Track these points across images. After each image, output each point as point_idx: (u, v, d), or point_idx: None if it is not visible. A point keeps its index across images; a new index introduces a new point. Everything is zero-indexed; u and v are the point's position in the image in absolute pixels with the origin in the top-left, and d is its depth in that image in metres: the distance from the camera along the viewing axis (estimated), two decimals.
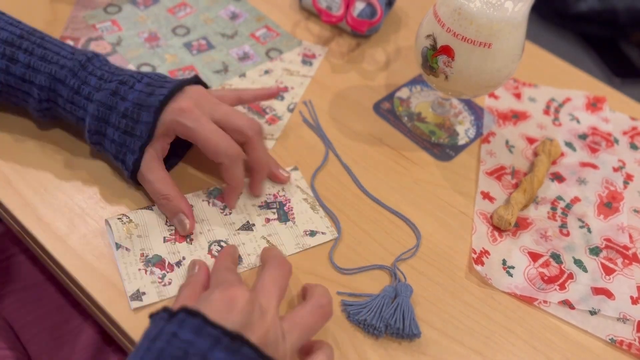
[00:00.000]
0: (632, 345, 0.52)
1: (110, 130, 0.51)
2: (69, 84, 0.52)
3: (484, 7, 0.54)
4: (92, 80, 0.52)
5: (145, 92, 0.51)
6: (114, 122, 0.51)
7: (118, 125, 0.51)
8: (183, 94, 0.52)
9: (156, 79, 0.52)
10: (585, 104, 0.72)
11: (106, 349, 0.56)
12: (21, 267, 0.58)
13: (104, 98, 0.51)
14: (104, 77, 0.52)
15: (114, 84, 0.51)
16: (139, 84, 0.51)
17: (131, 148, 0.51)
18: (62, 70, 0.52)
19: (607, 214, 0.61)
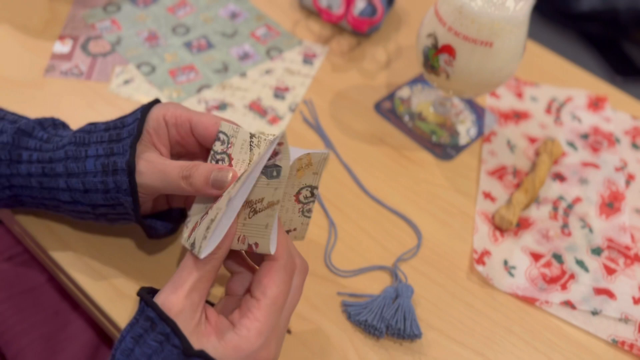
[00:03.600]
0: (633, 345, 0.52)
1: (92, 149, 0.45)
2: (38, 136, 0.47)
3: (486, 6, 0.54)
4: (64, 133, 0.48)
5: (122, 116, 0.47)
6: (95, 139, 0.45)
7: (101, 140, 0.45)
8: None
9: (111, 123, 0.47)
10: (587, 103, 0.71)
11: (104, 351, 0.55)
12: (21, 269, 0.58)
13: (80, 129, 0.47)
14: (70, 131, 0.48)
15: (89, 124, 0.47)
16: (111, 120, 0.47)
17: (120, 152, 0.44)
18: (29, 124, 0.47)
19: (608, 213, 0.61)
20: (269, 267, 0.40)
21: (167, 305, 0.37)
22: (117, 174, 0.44)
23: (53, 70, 0.65)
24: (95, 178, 0.44)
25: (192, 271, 0.39)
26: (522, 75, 0.73)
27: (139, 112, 0.46)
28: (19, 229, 0.54)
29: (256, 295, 0.39)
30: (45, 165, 0.46)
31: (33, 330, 0.54)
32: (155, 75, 0.66)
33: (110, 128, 0.46)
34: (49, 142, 0.47)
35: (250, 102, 0.66)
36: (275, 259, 0.40)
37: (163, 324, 0.37)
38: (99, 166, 0.44)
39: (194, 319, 0.38)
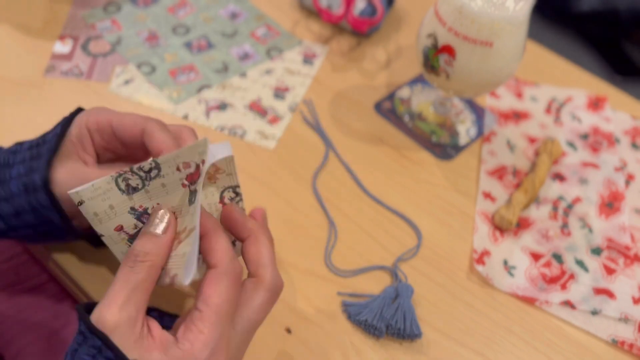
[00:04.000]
0: (633, 345, 0.52)
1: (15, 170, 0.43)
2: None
3: (486, 6, 0.54)
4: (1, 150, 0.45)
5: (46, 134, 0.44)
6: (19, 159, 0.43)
7: (23, 159, 0.43)
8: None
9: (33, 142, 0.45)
10: (587, 103, 0.72)
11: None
12: (21, 268, 0.58)
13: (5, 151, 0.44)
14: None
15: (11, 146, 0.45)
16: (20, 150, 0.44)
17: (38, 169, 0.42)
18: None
19: (608, 213, 0.61)
20: (209, 276, 0.38)
21: (101, 320, 0.35)
22: (37, 191, 0.42)
23: (53, 70, 0.65)
24: (21, 199, 0.42)
25: (124, 283, 0.36)
26: (522, 75, 0.73)
27: (59, 127, 0.43)
28: None
29: (199, 306, 0.37)
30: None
31: (33, 330, 0.54)
32: (155, 75, 0.66)
33: (33, 146, 0.43)
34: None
35: (251, 102, 0.66)
36: (215, 266, 0.38)
37: (93, 337, 0.35)
38: (21, 187, 0.42)
39: (134, 333, 0.35)
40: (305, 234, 0.56)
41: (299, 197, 0.58)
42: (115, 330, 0.35)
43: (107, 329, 0.35)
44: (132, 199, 0.41)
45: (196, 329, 0.36)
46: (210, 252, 0.38)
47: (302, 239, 0.55)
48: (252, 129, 0.63)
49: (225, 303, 0.37)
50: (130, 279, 0.36)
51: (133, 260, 0.37)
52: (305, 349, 0.49)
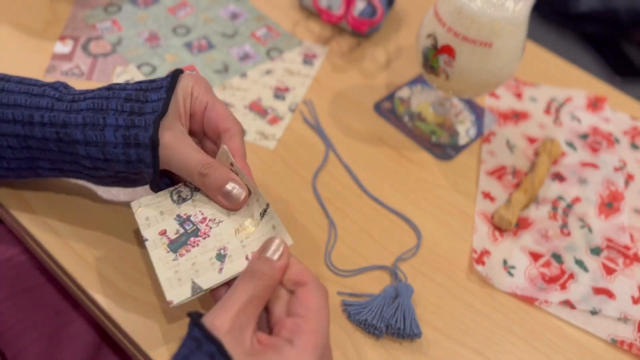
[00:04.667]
0: (632, 345, 0.52)
1: (111, 117, 0.44)
2: (49, 94, 0.46)
3: (485, 6, 0.54)
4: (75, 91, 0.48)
5: (145, 81, 0.47)
6: (114, 107, 0.45)
7: (121, 109, 0.45)
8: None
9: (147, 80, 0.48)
10: (586, 103, 0.72)
11: (106, 351, 0.55)
12: (21, 268, 0.58)
13: (97, 94, 0.46)
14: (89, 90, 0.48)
15: (105, 86, 0.47)
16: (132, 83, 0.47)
17: (143, 126, 0.44)
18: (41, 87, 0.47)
19: (608, 213, 0.61)
20: (302, 291, 0.40)
21: (215, 325, 0.37)
22: (140, 147, 0.44)
23: (54, 70, 0.65)
24: (116, 149, 0.45)
25: (242, 293, 0.38)
26: (522, 76, 0.73)
27: (164, 92, 0.46)
28: (19, 229, 0.55)
29: (300, 312, 0.39)
30: (59, 130, 0.45)
31: (34, 330, 0.55)
32: (155, 75, 0.66)
33: (132, 99, 0.45)
34: (61, 100, 0.46)
35: (251, 103, 0.66)
36: (304, 285, 0.41)
37: (209, 343, 0.36)
38: (119, 137, 0.44)
39: (245, 341, 0.37)
40: (305, 234, 0.56)
41: (299, 197, 0.58)
42: (226, 336, 0.36)
43: (219, 335, 0.36)
44: (180, 208, 0.46)
45: (304, 331, 0.38)
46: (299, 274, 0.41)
47: (302, 239, 0.55)
48: (252, 129, 0.63)
49: (323, 309, 0.40)
50: (247, 292, 0.38)
51: (251, 276, 0.39)
52: None
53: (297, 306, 0.40)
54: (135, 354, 0.48)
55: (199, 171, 0.44)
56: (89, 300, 0.50)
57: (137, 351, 0.48)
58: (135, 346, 0.48)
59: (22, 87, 0.47)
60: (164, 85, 0.46)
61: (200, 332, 0.36)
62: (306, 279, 0.41)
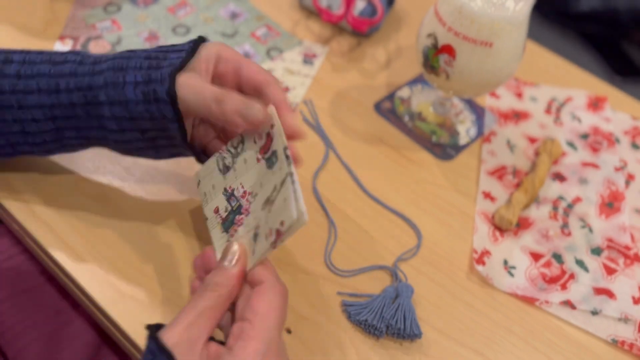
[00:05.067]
0: (633, 345, 0.52)
1: (130, 75, 0.45)
2: (70, 59, 0.47)
3: (485, 6, 0.54)
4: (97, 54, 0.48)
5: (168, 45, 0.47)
6: (134, 65, 0.45)
7: (140, 66, 0.45)
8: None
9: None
10: (587, 103, 0.72)
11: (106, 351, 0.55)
12: (21, 268, 0.58)
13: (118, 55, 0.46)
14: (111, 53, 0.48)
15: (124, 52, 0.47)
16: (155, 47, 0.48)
17: (159, 80, 0.44)
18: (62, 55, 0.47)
19: (608, 213, 0.61)
20: (256, 291, 0.41)
21: (165, 337, 0.38)
22: (160, 102, 0.44)
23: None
24: (138, 106, 0.45)
25: (192, 309, 0.39)
26: (522, 76, 0.73)
27: (183, 51, 0.46)
28: (19, 229, 0.54)
29: (247, 316, 0.39)
30: (86, 93, 0.46)
31: (33, 330, 0.54)
32: None
33: (151, 57, 0.46)
34: (83, 64, 0.46)
35: None
36: (260, 283, 0.41)
37: (162, 355, 0.37)
38: (139, 94, 0.45)
39: (194, 353, 0.38)
40: (305, 233, 0.56)
41: None
42: (175, 348, 0.37)
43: (171, 346, 0.37)
44: (225, 179, 0.45)
45: (247, 337, 0.38)
46: (255, 273, 0.42)
47: (302, 239, 0.55)
48: None
49: (272, 311, 0.40)
50: (198, 305, 0.39)
51: (204, 289, 0.40)
52: (305, 349, 0.49)
53: (247, 310, 0.40)
54: (135, 354, 0.48)
55: (216, 97, 0.44)
56: (89, 300, 0.50)
57: (137, 351, 0.48)
58: (134, 346, 0.48)
59: (43, 56, 0.48)
60: (185, 48, 0.46)
61: (155, 344, 0.37)
62: (262, 278, 0.41)
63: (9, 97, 0.47)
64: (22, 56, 0.48)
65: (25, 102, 0.47)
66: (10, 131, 0.48)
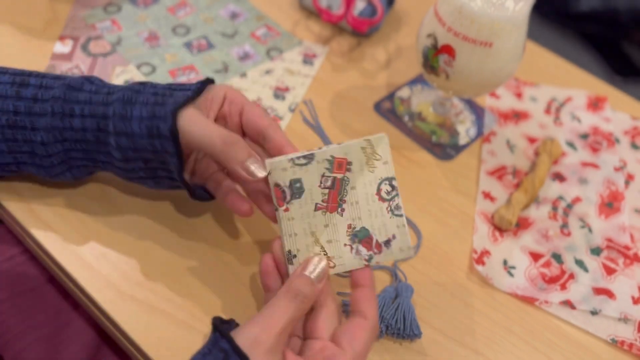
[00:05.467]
0: (633, 345, 0.52)
1: (137, 109, 0.46)
2: (86, 89, 0.48)
3: (485, 6, 0.54)
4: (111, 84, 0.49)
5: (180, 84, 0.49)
6: (142, 100, 0.46)
7: (146, 101, 0.46)
8: None
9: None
10: (587, 103, 0.72)
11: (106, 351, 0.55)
12: (20, 269, 0.58)
13: (130, 87, 0.48)
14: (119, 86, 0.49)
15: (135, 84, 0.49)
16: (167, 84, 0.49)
17: (162, 116, 0.45)
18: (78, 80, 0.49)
19: (608, 213, 0.61)
20: (360, 324, 0.41)
21: (257, 341, 0.38)
22: (162, 138, 0.45)
23: (53, 70, 0.65)
24: (143, 140, 0.46)
25: (284, 314, 0.40)
26: (522, 76, 0.73)
27: (189, 89, 0.47)
28: (19, 229, 0.54)
29: (343, 345, 0.40)
30: (99, 120, 0.47)
31: (33, 331, 0.54)
32: (155, 75, 0.66)
33: (159, 94, 0.47)
34: (98, 94, 0.48)
35: None
36: (366, 318, 0.42)
37: (236, 357, 0.37)
38: (144, 129, 0.46)
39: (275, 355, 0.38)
40: None
41: None
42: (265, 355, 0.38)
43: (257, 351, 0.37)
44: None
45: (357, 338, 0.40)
46: (365, 302, 0.42)
47: None
48: None
49: (364, 351, 0.41)
50: (290, 311, 0.40)
51: (294, 296, 0.41)
52: None
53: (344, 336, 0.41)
54: (135, 354, 0.48)
55: (224, 140, 0.44)
56: (89, 301, 0.50)
57: (137, 351, 0.48)
58: (134, 346, 0.48)
59: (59, 82, 0.49)
60: (192, 87, 0.48)
61: (229, 345, 0.37)
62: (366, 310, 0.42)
63: (24, 118, 0.48)
64: (38, 80, 0.49)
65: (38, 124, 0.48)
66: (20, 151, 0.50)
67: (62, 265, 0.51)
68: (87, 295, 0.50)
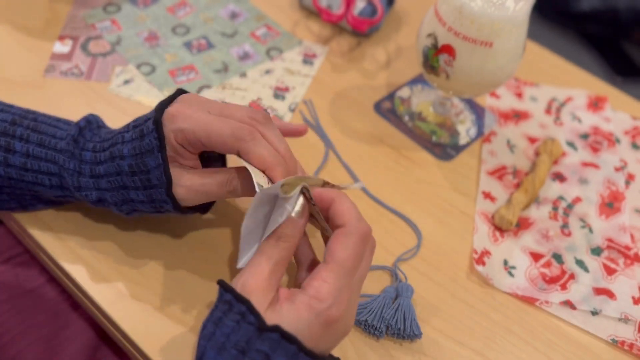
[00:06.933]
0: (633, 345, 0.52)
1: (132, 193, 0.47)
2: (69, 168, 0.48)
3: (485, 6, 0.54)
4: (87, 156, 0.48)
5: (136, 138, 0.46)
6: (129, 184, 0.47)
7: (135, 185, 0.47)
8: (170, 106, 0.46)
9: (141, 117, 0.48)
10: (587, 103, 0.71)
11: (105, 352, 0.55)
12: (20, 270, 0.58)
13: (107, 169, 0.47)
14: (96, 148, 0.48)
15: (107, 151, 0.47)
16: (127, 133, 0.47)
17: (162, 199, 0.47)
18: (61, 154, 0.48)
19: (608, 214, 0.61)
20: (337, 233, 0.42)
21: (246, 287, 0.40)
22: (168, 211, 0.48)
23: (53, 70, 0.65)
24: (147, 208, 0.48)
25: (269, 258, 0.41)
26: (522, 75, 0.73)
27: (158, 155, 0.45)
28: (19, 229, 0.54)
29: (326, 259, 0.41)
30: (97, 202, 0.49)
31: (32, 332, 0.54)
32: (155, 75, 0.66)
33: (136, 171, 0.46)
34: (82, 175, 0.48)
35: (250, 102, 0.66)
36: (342, 225, 0.42)
37: (239, 304, 0.39)
38: (149, 207, 0.48)
39: (269, 297, 0.40)
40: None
41: None
42: (258, 296, 0.39)
43: (250, 294, 0.39)
44: None
45: (321, 279, 0.40)
46: (337, 214, 0.42)
47: None
48: None
49: (350, 257, 0.40)
50: (274, 255, 0.41)
51: (277, 240, 0.42)
52: None
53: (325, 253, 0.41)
54: (134, 354, 0.48)
55: (227, 191, 0.46)
56: (89, 301, 0.50)
57: (137, 351, 0.48)
58: (134, 346, 0.48)
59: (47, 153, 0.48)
60: (153, 145, 0.45)
61: (232, 295, 0.39)
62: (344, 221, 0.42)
63: (18, 182, 0.49)
64: (24, 147, 0.48)
65: (36, 189, 0.49)
66: (23, 197, 0.51)
67: (62, 265, 0.51)
68: (87, 295, 0.50)
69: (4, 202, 0.52)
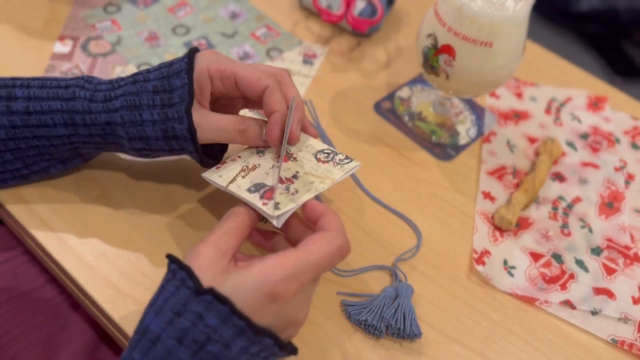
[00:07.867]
0: (633, 345, 0.52)
1: (146, 113, 0.48)
2: (81, 96, 0.49)
3: (485, 6, 0.54)
4: (103, 87, 0.49)
5: (164, 66, 0.49)
6: (147, 102, 0.48)
7: (153, 103, 0.48)
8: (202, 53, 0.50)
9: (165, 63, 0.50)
10: (587, 103, 0.72)
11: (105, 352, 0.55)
12: (19, 271, 0.58)
13: (126, 90, 0.48)
14: (113, 81, 0.50)
15: (130, 78, 0.49)
16: (153, 71, 0.50)
17: (179, 116, 0.47)
18: (68, 89, 0.49)
19: (608, 213, 0.61)
20: (320, 234, 0.43)
21: (193, 252, 0.41)
22: (180, 139, 0.48)
23: (53, 70, 0.65)
24: (159, 141, 0.49)
25: (218, 228, 0.43)
26: (522, 76, 0.73)
27: (185, 76, 0.48)
28: (19, 229, 0.54)
29: (297, 247, 0.42)
30: (104, 127, 0.49)
31: (31, 333, 0.54)
32: None
33: (159, 90, 0.48)
34: (94, 101, 0.49)
35: None
36: (327, 230, 0.43)
37: (181, 271, 0.40)
38: (159, 132, 0.48)
39: (219, 263, 0.41)
40: None
41: None
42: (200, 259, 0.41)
43: (198, 260, 0.41)
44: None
45: (283, 256, 0.41)
46: (325, 224, 0.44)
47: None
48: None
49: (321, 257, 0.41)
50: (223, 226, 0.44)
51: (227, 216, 0.45)
52: (305, 348, 0.49)
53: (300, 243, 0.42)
54: None
55: (237, 129, 0.49)
56: (89, 301, 0.50)
57: None
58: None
59: (49, 92, 0.49)
60: (182, 67, 0.48)
61: (175, 264, 0.41)
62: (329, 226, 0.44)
63: (22, 130, 0.49)
64: (25, 92, 0.49)
65: (40, 133, 0.49)
66: (27, 155, 0.51)
67: (62, 265, 0.51)
68: (87, 295, 0.50)
69: (8, 163, 0.51)
